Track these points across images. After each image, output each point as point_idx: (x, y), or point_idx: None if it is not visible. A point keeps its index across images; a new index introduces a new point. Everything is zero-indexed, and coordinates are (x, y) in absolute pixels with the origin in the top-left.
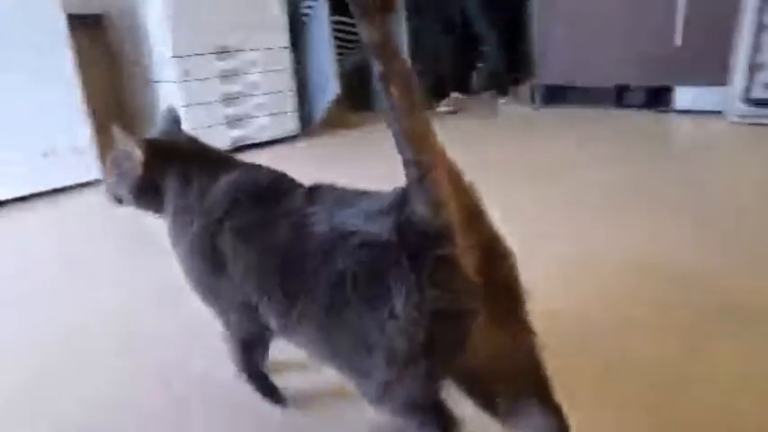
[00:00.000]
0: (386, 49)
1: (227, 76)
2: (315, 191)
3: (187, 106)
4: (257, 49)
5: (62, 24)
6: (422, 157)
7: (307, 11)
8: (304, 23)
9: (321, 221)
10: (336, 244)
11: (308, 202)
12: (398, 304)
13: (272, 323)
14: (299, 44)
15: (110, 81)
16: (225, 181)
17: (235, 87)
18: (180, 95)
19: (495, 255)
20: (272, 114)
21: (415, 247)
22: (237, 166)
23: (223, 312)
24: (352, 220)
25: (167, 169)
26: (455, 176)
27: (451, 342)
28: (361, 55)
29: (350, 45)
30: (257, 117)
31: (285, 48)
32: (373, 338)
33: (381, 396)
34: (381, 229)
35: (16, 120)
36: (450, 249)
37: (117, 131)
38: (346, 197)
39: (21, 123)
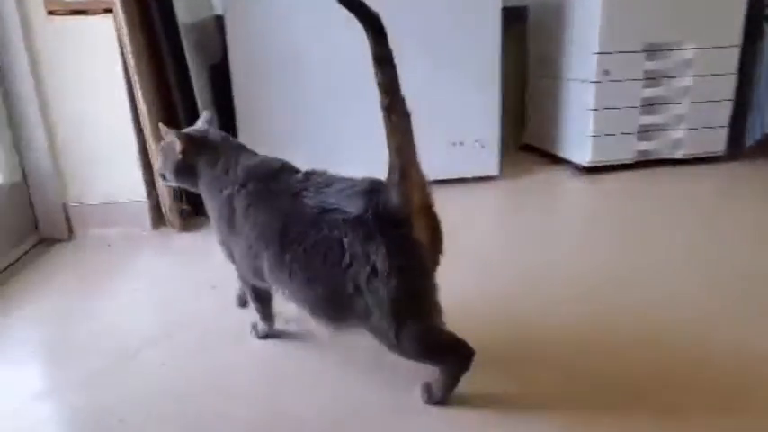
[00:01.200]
0: (393, 85)
1: (652, 78)
2: (309, 174)
3: (596, 110)
4: (699, 48)
5: (497, 19)
6: (405, 166)
7: None
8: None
9: (311, 197)
10: (322, 216)
11: (304, 182)
12: (377, 264)
13: (266, 272)
14: (751, 51)
15: (517, 76)
16: (244, 162)
17: (658, 92)
18: (592, 96)
19: (436, 230)
20: (692, 129)
21: (386, 226)
22: (253, 153)
23: (236, 262)
24: (333, 197)
25: (199, 155)
26: (422, 180)
27: (418, 285)
28: None
29: None
30: (673, 130)
31: (735, 46)
32: (364, 287)
33: (391, 339)
34: (358, 209)
35: (437, 109)
36: (410, 230)
37: (162, 126)
38: (328, 180)
39: (440, 113)
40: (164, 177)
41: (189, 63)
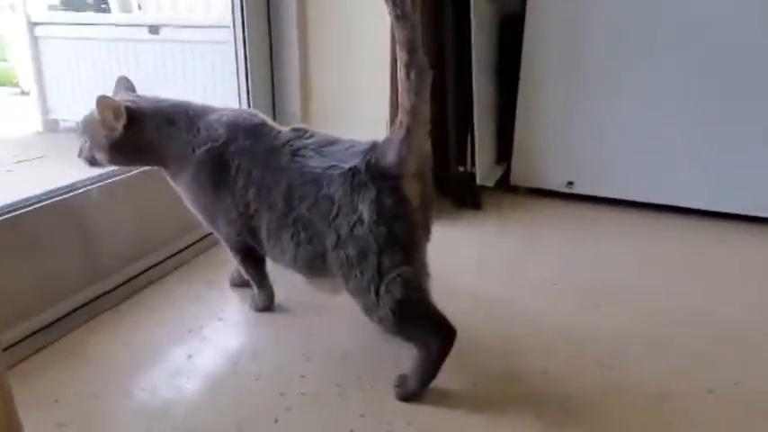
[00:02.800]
0: (414, 43)
1: None
2: (298, 130)
3: None
4: None
5: None
6: (412, 127)
7: None
8: None
9: (311, 155)
10: (323, 173)
11: (298, 139)
12: (364, 212)
13: (262, 232)
14: None
15: None
16: (215, 118)
17: None
18: None
19: (427, 201)
20: None
21: (378, 177)
22: (211, 108)
23: (221, 228)
24: (334, 156)
25: (144, 124)
26: (424, 146)
27: (406, 236)
28: None
29: None
30: None
31: None
32: (346, 237)
33: (370, 295)
34: (356, 163)
35: None
36: (400, 182)
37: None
38: (328, 139)
39: None
40: (92, 161)
41: (473, 11)
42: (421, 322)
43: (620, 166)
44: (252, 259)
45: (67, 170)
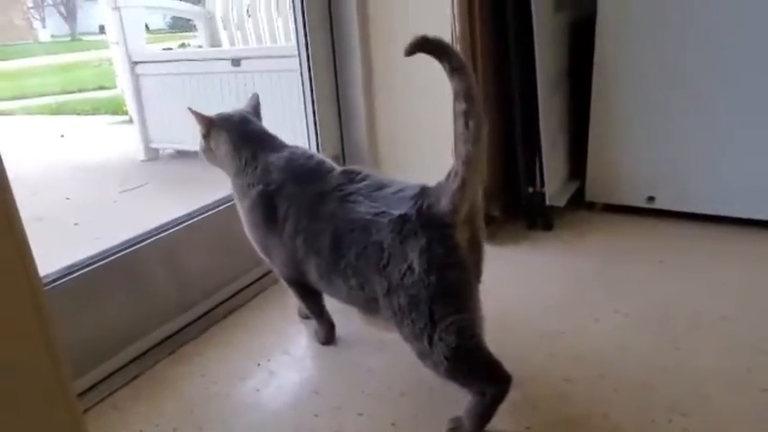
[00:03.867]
0: (470, 93)
1: None
2: (350, 173)
3: None
4: None
5: None
6: (467, 177)
7: None
8: None
9: (361, 201)
10: (372, 219)
11: (349, 183)
12: (414, 260)
13: (313, 275)
14: None
15: None
16: (274, 159)
17: None
18: None
19: (477, 247)
20: None
21: (429, 225)
22: (280, 143)
23: (273, 261)
24: (383, 201)
25: (219, 140)
26: (477, 195)
27: (458, 283)
28: None
29: None
30: None
31: None
32: (397, 285)
33: (423, 342)
34: (406, 210)
35: None
36: (452, 231)
37: (189, 109)
38: (378, 183)
39: None
40: (204, 159)
41: (536, 20)
42: (475, 369)
43: (705, 178)
44: (307, 293)
45: (164, 200)
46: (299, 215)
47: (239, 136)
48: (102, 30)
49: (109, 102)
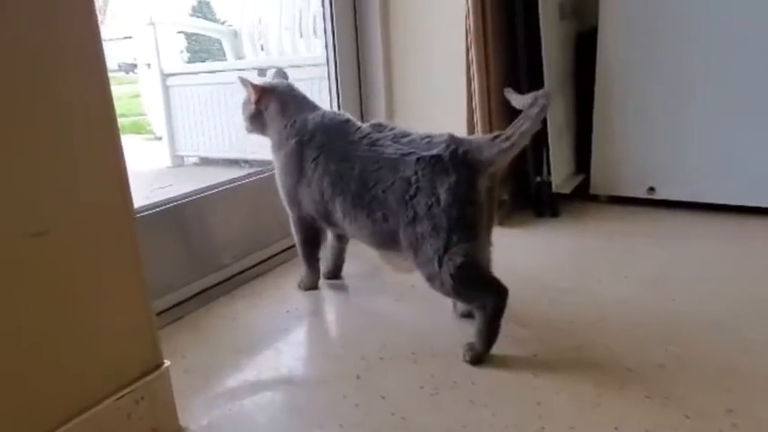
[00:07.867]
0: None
1: None
2: (378, 125)
3: None
4: None
5: None
6: (516, 144)
7: None
8: None
9: (389, 144)
10: (400, 159)
11: (377, 132)
12: (441, 194)
13: (338, 213)
14: None
15: None
16: (311, 116)
17: None
18: None
19: (494, 189)
20: None
21: (461, 166)
22: (316, 105)
23: (295, 212)
24: (410, 145)
25: (268, 105)
26: (506, 165)
27: (475, 220)
28: None
29: None
30: None
31: None
32: (423, 215)
33: (434, 264)
34: (438, 151)
35: None
36: (480, 175)
37: (239, 77)
38: (405, 132)
39: None
40: (247, 127)
41: (543, 26)
42: (475, 282)
43: (702, 169)
44: (310, 242)
45: None
46: (328, 160)
47: (286, 99)
48: (120, 67)
49: (131, 125)
